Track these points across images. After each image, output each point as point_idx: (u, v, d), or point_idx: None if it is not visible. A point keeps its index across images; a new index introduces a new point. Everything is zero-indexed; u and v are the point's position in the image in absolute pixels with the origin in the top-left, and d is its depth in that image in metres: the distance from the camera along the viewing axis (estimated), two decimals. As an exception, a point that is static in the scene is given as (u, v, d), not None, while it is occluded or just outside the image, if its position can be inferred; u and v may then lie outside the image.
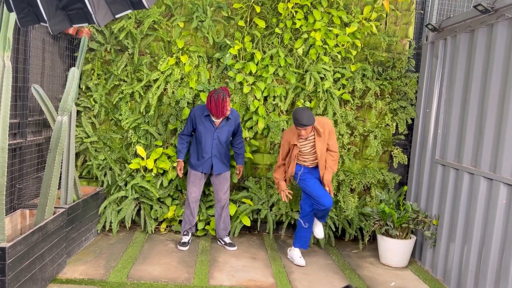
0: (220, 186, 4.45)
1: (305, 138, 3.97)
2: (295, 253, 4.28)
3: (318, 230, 4.31)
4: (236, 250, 4.50)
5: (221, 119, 4.29)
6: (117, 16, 1.68)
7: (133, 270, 3.81)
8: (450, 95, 4.17)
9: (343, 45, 4.84)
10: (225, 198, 4.48)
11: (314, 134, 3.98)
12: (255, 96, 4.80)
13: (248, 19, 4.80)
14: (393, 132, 5.01)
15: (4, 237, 2.86)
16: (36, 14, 1.70)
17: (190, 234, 4.53)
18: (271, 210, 4.95)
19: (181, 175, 4.47)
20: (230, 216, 4.65)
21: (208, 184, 4.80)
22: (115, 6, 1.63)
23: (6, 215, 3.35)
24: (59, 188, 4.12)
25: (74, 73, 3.43)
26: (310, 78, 4.71)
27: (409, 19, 5.00)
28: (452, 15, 4.67)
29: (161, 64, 4.70)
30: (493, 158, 3.51)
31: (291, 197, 4.24)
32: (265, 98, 4.89)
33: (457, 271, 3.87)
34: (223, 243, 4.55)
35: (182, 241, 4.48)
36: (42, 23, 1.70)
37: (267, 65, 4.76)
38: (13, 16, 2.73)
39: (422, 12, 5.13)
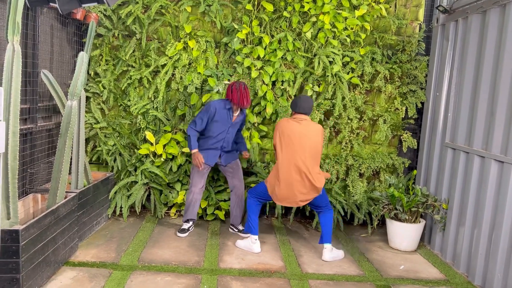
0: (234, 173, 4.42)
1: None
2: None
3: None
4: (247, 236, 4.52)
5: (237, 113, 4.26)
6: (126, -5, 1.67)
7: (144, 254, 3.86)
8: (461, 78, 4.12)
9: (352, 28, 4.79)
10: (242, 186, 4.45)
11: None
12: (263, 81, 4.77)
13: (256, 3, 4.75)
14: (403, 116, 4.97)
15: (17, 220, 2.90)
16: (45, -5, 1.70)
17: (191, 222, 4.49)
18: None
19: (201, 168, 4.22)
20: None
21: (216, 170, 4.81)
22: (124, -15, 1.61)
23: (18, 199, 3.40)
24: (70, 173, 4.17)
25: (83, 57, 3.44)
26: (319, 62, 4.68)
27: (419, 1, 4.92)
28: (463, -3, 4.58)
29: (169, 50, 4.69)
30: (504, 141, 3.47)
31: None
32: (273, 83, 4.87)
33: (467, 254, 3.86)
34: (236, 230, 4.55)
35: (182, 227, 4.43)
36: (51, 3, 1.70)
37: (275, 50, 4.73)
38: (21, 0, 2.73)
39: (433, -6, 5.04)
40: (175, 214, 4.97)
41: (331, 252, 3.98)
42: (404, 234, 4.33)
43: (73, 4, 1.66)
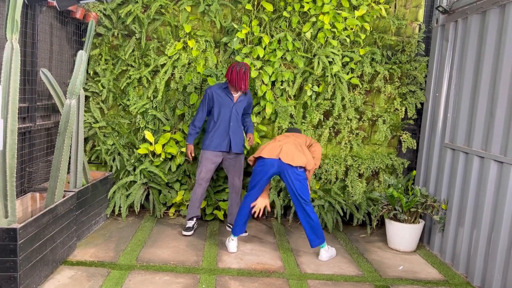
0: (236, 169, 4.39)
1: None
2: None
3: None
4: (247, 235, 4.51)
5: (239, 93, 4.29)
6: (124, -8, 1.67)
7: (142, 253, 3.85)
8: (461, 79, 4.12)
9: (351, 28, 4.79)
10: (240, 185, 4.46)
11: None
12: (262, 81, 4.77)
13: (256, 3, 4.75)
14: (402, 117, 4.97)
15: (15, 219, 2.89)
16: (43, -9, 1.69)
17: (195, 219, 4.49)
18: (278, 195, 4.96)
19: (191, 158, 4.43)
20: None
21: (217, 170, 4.80)
22: (122, -19, 1.61)
23: (17, 198, 3.39)
24: (68, 172, 4.17)
25: (82, 56, 3.43)
26: (318, 63, 4.68)
27: (419, 1, 4.92)
28: (463, -3, 4.58)
29: (168, 49, 4.69)
30: (504, 141, 3.47)
31: None
32: (273, 83, 4.87)
33: (466, 255, 3.86)
34: None
35: (187, 225, 4.43)
36: (49, 0, 1.69)
37: (275, 50, 4.73)
38: (20, -2, 2.73)
39: (433, -6, 5.04)
40: (174, 214, 4.96)
41: (327, 252, 3.98)
42: (403, 234, 4.32)
43: (71, 1, 1.65)
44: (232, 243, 4.03)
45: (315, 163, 4.01)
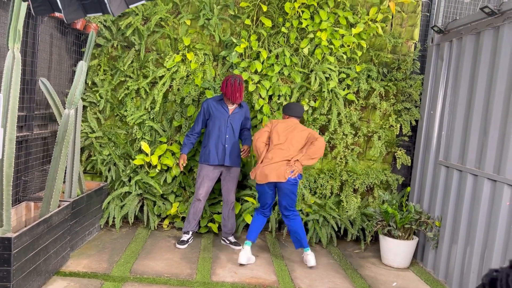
0: (230, 185, 4.42)
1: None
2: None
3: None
4: (240, 248, 4.50)
5: (234, 106, 4.33)
6: (131, 6, 1.70)
7: (136, 265, 3.82)
8: (455, 97, 4.19)
9: (348, 45, 4.86)
10: (234, 198, 4.48)
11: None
12: (260, 95, 4.81)
13: (255, 18, 4.82)
14: (397, 133, 5.02)
15: (10, 228, 2.88)
16: (50, 3, 1.72)
17: (190, 233, 4.49)
18: (273, 209, 4.96)
19: (181, 168, 4.45)
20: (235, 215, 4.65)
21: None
22: (129, -4, 1.64)
23: (11, 207, 3.37)
24: (64, 182, 4.15)
25: (82, 66, 3.45)
26: (315, 78, 4.73)
27: (414, 21, 5.02)
28: (457, 18, 4.68)
29: (167, 61, 4.73)
30: (497, 159, 3.52)
31: None
32: (270, 97, 4.91)
33: (459, 272, 3.87)
34: (228, 242, 4.54)
35: (181, 239, 4.43)
36: (56, 12, 1.72)
37: (273, 64, 4.78)
38: (24, 8, 2.75)
39: (428, 14, 5.14)
40: (168, 226, 4.94)
41: (313, 256, 4.12)
42: (397, 250, 4.33)
43: (78, 13, 1.68)
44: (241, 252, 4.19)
45: (314, 155, 3.97)
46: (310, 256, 4.11)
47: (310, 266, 4.10)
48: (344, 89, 4.89)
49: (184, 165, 4.47)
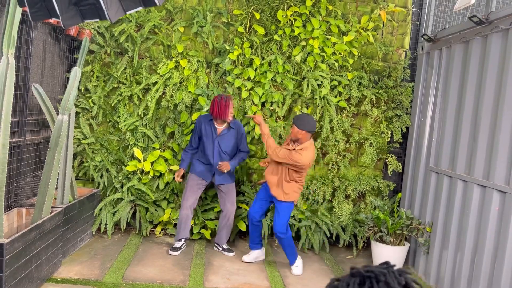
0: (227, 196, 4.43)
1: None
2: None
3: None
4: (233, 255, 4.50)
5: (223, 126, 4.32)
6: (128, 12, 1.72)
7: (128, 271, 3.81)
8: (445, 105, 4.26)
9: (340, 53, 4.92)
10: (234, 209, 4.47)
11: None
12: (253, 102, 4.85)
13: (248, 26, 4.87)
14: (388, 140, 5.08)
15: (2, 234, 2.86)
16: (48, 9, 1.74)
17: (183, 240, 4.47)
18: (266, 215, 4.97)
19: (178, 180, 4.44)
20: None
21: (205, 189, 4.81)
22: (126, 2, 1.67)
23: (3, 213, 3.34)
24: (56, 188, 4.12)
25: (76, 72, 3.46)
26: (308, 85, 4.78)
27: (405, 29, 5.10)
28: (447, 27, 4.77)
29: (160, 68, 4.75)
30: (486, 166, 3.58)
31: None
32: (263, 104, 4.94)
33: (450, 278, 3.91)
34: (221, 248, 4.53)
35: (174, 245, 4.42)
36: (54, 18, 1.73)
37: (265, 71, 4.82)
38: (18, 14, 2.76)
39: (418, 23, 5.24)
40: (160, 232, 4.93)
41: (299, 268, 4.18)
42: (388, 256, 4.36)
43: (76, 19, 1.69)
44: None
45: (273, 151, 3.98)
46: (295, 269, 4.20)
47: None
48: (336, 96, 4.95)
49: (180, 180, 4.45)
